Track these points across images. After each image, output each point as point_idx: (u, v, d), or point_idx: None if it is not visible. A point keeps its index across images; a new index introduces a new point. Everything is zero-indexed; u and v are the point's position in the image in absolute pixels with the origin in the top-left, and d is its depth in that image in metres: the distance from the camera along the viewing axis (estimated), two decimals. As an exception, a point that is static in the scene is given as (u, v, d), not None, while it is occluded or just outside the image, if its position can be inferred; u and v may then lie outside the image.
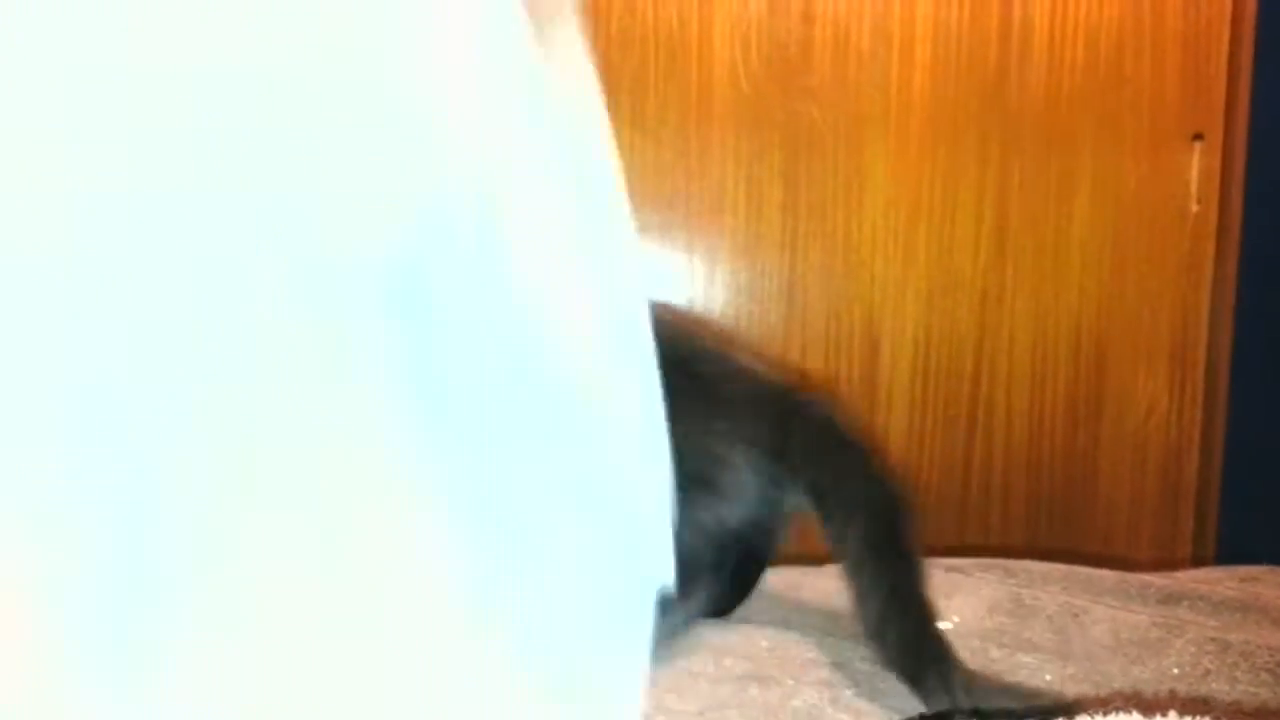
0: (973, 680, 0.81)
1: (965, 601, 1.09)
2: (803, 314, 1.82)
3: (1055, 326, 1.84)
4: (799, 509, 0.96)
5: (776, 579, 1.18)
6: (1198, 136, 1.79)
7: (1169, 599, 1.08)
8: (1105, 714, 0.67)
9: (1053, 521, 1.85)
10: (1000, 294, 1.83)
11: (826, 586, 1.14)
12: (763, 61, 1.77)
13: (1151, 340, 1.84)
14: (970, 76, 1.78)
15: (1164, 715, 0.66)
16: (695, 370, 0.87)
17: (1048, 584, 1.13)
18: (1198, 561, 1.71)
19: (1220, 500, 1.87)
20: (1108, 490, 1.86)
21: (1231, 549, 1.76)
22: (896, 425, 1.83)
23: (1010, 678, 0.97)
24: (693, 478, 0.72)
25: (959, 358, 1.84)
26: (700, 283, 1.82)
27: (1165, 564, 1.41)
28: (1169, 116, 1.79)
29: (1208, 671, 0.95)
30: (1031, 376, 1.84)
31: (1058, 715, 0.70)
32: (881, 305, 1.83)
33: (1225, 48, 1.78)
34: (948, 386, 1.84)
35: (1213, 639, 0.98)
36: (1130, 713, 0.66)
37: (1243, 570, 1.19)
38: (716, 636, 1.06)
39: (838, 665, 0.99)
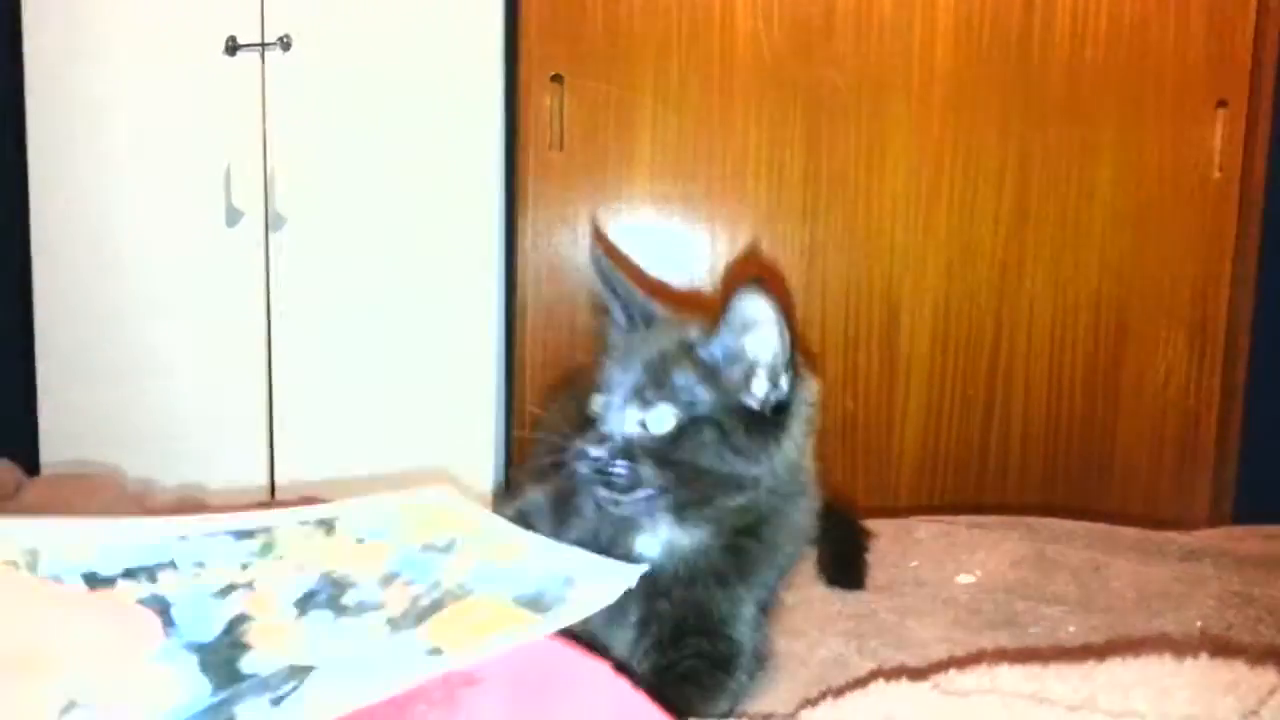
0: None
1: (989, 556, 1.11)
2: (822, 282, 1.83)
3: (1075, 295, 1.84)
4: None
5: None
6: (1221, 103, 1.78)
7: (1191, 555, 1.10)
8: (1137, 656, 0.69)
9: (1070, 488, 1.87)
10: (1020, 262, 1.83)
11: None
12: (785, 30, 1.77)
13: (1171, 308, 1.84)
14: (993, 44, 1.77)
15: (1194, 658, 0.67)
16: None
17: (1070, 540, 1.14)
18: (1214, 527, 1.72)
19: (1237, 468, 1.88)
20: (1125, 457, 1.87)
21: (1247, 516, 1.76)
22: (915, 392, 1.84)
23: (1034, 629, 0.99)
24: None
25: (978, 326, 1.84)
26: (722, 250, 1.83)
27: (1182, 529, 1.41)
28: (1193, 83, 1.78)
29: (1231, 624, 0.97)
30: (1050, 344, 1.85)
31: None
32: (901, 273, 1.83)
33: (1252, 13, 1.76)
34: (967, 354, 1.85)
35: (1236, 593, 0.99)
36: (1161, 655, 0.68)
37: (1265, 529, 1.20)
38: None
39: (862, 617, 1.01)
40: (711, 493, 0.81)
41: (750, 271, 1.76)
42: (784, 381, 0.82)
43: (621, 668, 0.58)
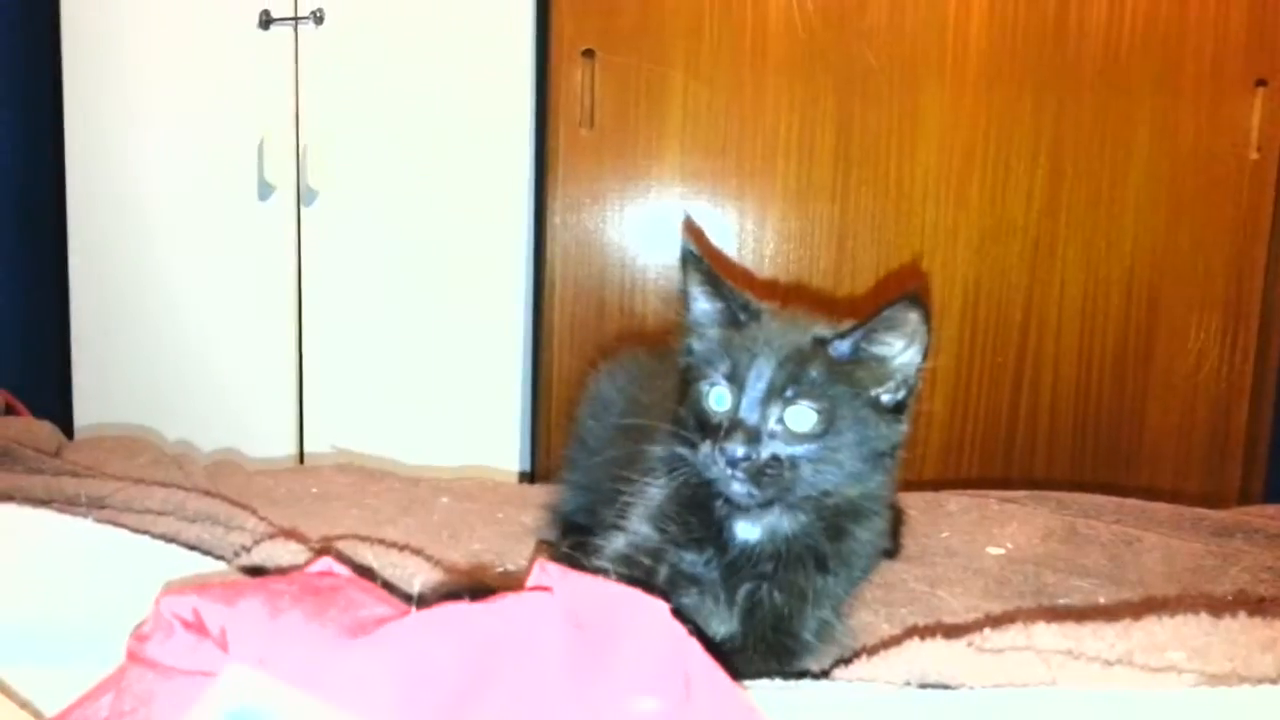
0: None
1: (1020, 529, 1.10)
2: (853, 260, 1.83)
3: (1107, 275, 1.83)
4: None
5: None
6: (1261, 82, 1.76)
7: (1223, 531, 1.09)
8: (1173, 615, 0.69)
9: (1098, 468, 1.86)
10: (1052, 242, 1.82)
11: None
12: (818, 4, 1.76)
13: (1205, 290, 1.82)
14: (1028, 20, 1.76)
15: (1232, 616, 0.67)
16: None
17: (1101, 514, 1.14)
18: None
19: (1269, 452, 1.86)
20: (1154, 438, 1.86)
21: (1279, 500, 1.74)
22: (944, 371, 1.84)
23: (1064, 600, 0.99)
24: None
25: (1009, 305, 1.83)
26: (751, 229, 1.83)
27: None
28: (1232, 61, 1.76)
29: (1263, 598, 0.96)
30: (1081, 325, 1.84)
31: None
32: (932, 252, 1.82)
33: (1293, -10, 1.74)
34: (996, 333, 1.84)
35: (1269, 568, 0.99)
36: (1198, 613, 0.68)
37: (1299, 507, 1.20)
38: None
39: (892, 586, 1.01)
40: (842, 486, 0.81)
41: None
42: (912, 385, 0.84)
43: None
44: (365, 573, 0.73)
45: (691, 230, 1.78)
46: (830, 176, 1.80)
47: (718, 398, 0.81)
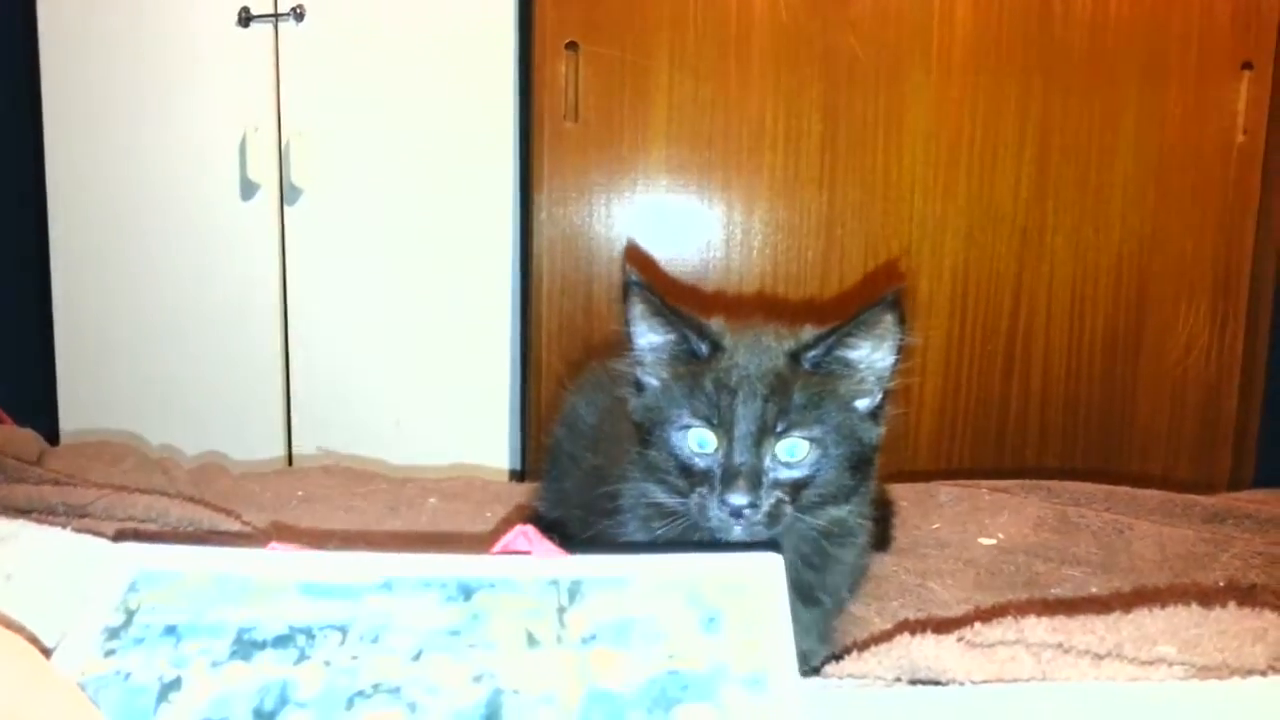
0: None
1: (1011, 519, 1.10)
2: (841, 250, 1.82)
3: (1096, 261, 1.82)
4: None
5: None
6: (1247, 65, 1.76)
7: (1215, 517, 1.09)
8: (1163, 607, 0.68)
9: (1089, 455, 1.86)
10: (1041, 229, 1.81)
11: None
12: (802, -7, 1.75)
13: (1194, 274, 1.82)
14: (1013, 6, 1.75)
15: (1222, 607, 0.67)
16: None
17: (1092, 503, 1.14)
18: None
19: (1259, 437, 1.86)
20: (1145, 424, 1.86)
21: (1268, 486, 1.74)
22: (934, 360, 1.83)
23: (1056, 590, 0.99)
24: None
25: (998, 293, 1.83)
26: (738, 219, 1.82)
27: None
28: (1218, 45, 1.75)
29: (1255, 584, 0.96)
30: (1071, 312, 1.83)
31: None
32: (920, 241, 1.82)
33: (1278, -28, 1.73)
34: (986, 322, 1.83)
35: (1260, 553, 0.99)
36: (1188, 605, 0.67)
37: (1289, 492, 1.19)
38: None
39: (883, 579, 1.01)
40: (835, 504, 0.78)
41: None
42: (887, 388, 0.81)
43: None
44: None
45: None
46: (817, 166, 1.79)
47: (699, 441, 0.76)
